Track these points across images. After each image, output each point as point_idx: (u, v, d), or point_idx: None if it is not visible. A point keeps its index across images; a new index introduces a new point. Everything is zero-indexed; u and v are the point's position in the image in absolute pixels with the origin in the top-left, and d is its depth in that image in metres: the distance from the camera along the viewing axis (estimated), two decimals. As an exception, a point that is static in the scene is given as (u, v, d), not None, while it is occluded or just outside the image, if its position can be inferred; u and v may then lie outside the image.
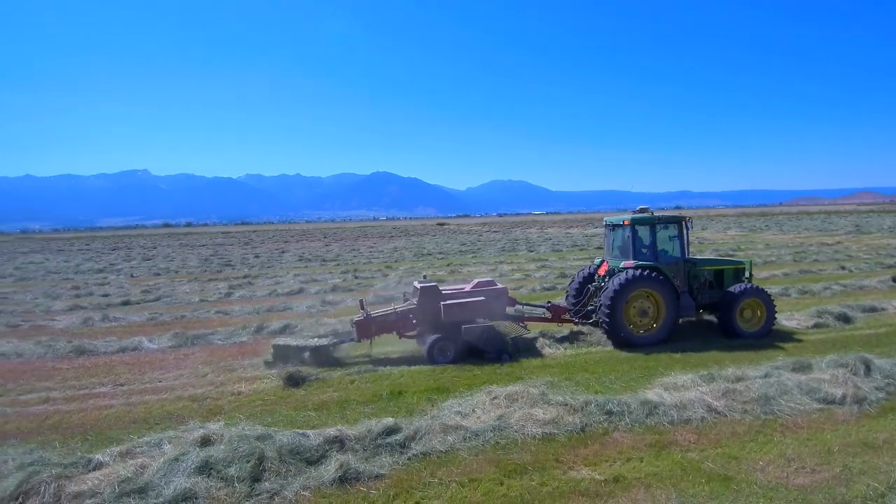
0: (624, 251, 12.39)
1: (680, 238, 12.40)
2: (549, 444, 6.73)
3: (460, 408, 7.78)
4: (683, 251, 12.37)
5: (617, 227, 12.77)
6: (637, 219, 12.17)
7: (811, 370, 8.81)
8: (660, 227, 12.31)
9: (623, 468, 6.08)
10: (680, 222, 12.40)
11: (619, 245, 12.69)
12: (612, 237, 13.06)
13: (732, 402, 7.69)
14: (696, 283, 12.48)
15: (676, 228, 12.44)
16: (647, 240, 12.22)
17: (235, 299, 20.73)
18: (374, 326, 11.41)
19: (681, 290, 11.91)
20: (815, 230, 51.23)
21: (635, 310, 11.59)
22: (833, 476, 5.75)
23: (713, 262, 13.21)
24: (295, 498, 5.74)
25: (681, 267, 12.18)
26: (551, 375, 9.43)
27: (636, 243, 12.08)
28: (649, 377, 9.03)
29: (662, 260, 12.08)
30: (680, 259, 12.28)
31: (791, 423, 7.15)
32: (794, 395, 7.86)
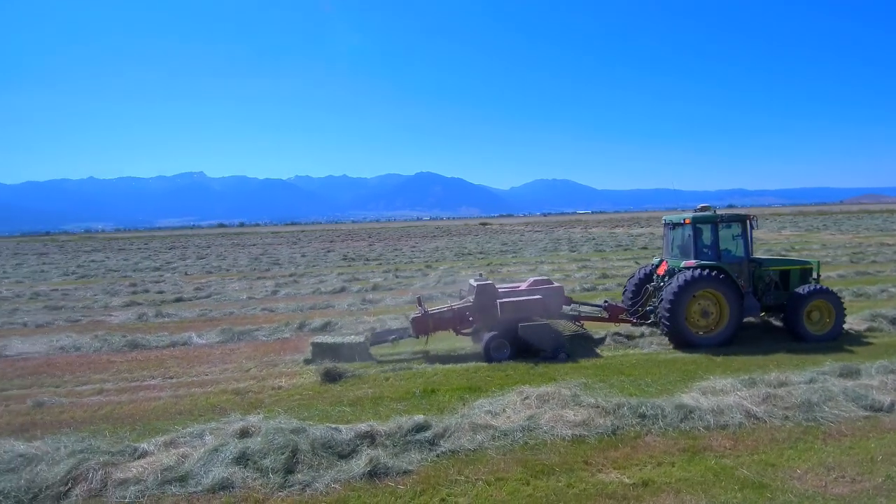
0: (684, 250, 12.17)
1: (744, 237, 12.08)
2: (578, 446, 6.69)
3: (491, 407, 7.82)
4: (747, 250, 12.05)
5: (677, 226, 12.55)
6: (698, 217, 11.93)
7: (859, 376, 8.45)
8: (722, 226, 11.97)
9: (653, 472, 5.99)
10: (744, 221, 12.08)
11: (679, 244, 12.49)
12: (671, 236, 12.87)
13: (773, 408, 7.44)
14: (760, 283, 12.15)
15: (740, 227, 12.12)
16: (708, 239, 11.96)
17: (281, 297, 21.35)
18: (432, 323, 11.63)
19: (745, 290, 11.58)
20: (876, 230, 48.57)
21: (697, 310, 11.31)
22: (874, 486, 5.50)
23: (779, 262, 12.83)
24: (325, 490, 5.91)
25: (745, 267, 11.86)
26: (585, 377, 9.34)
27: (698, 242, 11.86)
28: (687, 381, 8.82)
29: (725, 259, 11.75)
30: (744, 259, 11.96)
31: (834, 431, 6.87)
32: (838, 401, 7.54)
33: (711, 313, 11.37)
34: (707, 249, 11.89)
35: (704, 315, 11.36)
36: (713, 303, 11.35)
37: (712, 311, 11.36)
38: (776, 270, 12.33)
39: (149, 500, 5.89)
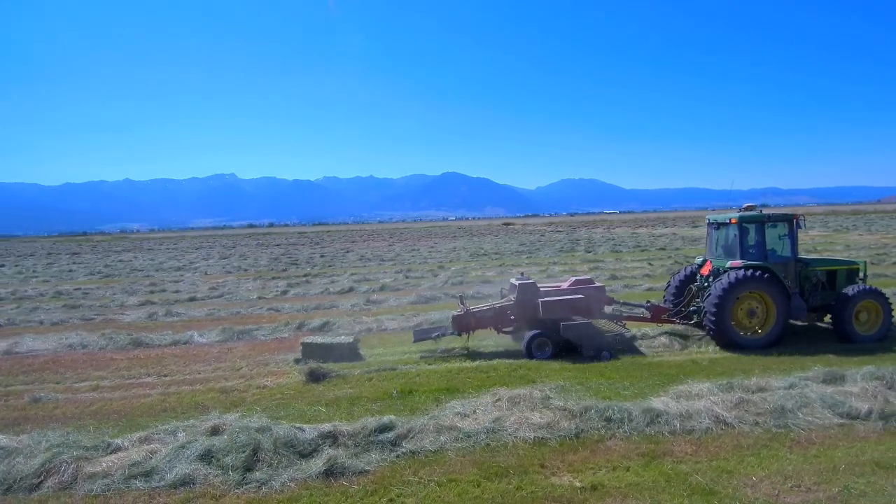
0: (729, 250, 12.08)
1: (790, 237, 11.96)
2: (538, 449, 6.68)
3: (462, 409, 7.86)
4: (794, 251, 11.93)
5: (722, 226, 12.47)
6: (745, 217, 11.83)
7: (843, 382, 8.22)
8: (768, 226, 11.84)
9: (605, 476, 5.96)
10: (791, 220, 11.97)
11: (723, 244, 12.41)
12: (715, 236, 12.79)
13: (744, 414, 7.32)
14: (807, 284, 12.00)
15: (786, 227, 12.00)
16: (754, 239, 11.87)
17: (290, 297, 21.71)
18: (473, 321, 11.85)
19: (792, 291, 11.43)
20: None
21: (743, 311, 11.22)
22: (829, 496, 5.38)
23: (826, 262, 12.70)
24: (281, 488, 6.03)
25: (791, 267, 11.72)
26: (565, 379, 9.32)
27: (744, 242, 11.75)
28: (666, 384, 8.71)
29: (771, 260, 11.62)
30: (790, 259, 11.81)
31: (803, 438, 6.72)
32: (814, 408, 7.37)
33: (758, 314, 11.27)
34: (753, 249, 11.79)
35: (751, 316, 11.28)
36: (760, 303, 11.27)
37: (759, 312, 11.27)
38: (823, 271, 12.17)
39: (114, 493, 6.11)
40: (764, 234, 11.73)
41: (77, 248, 79.96)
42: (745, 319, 11.26)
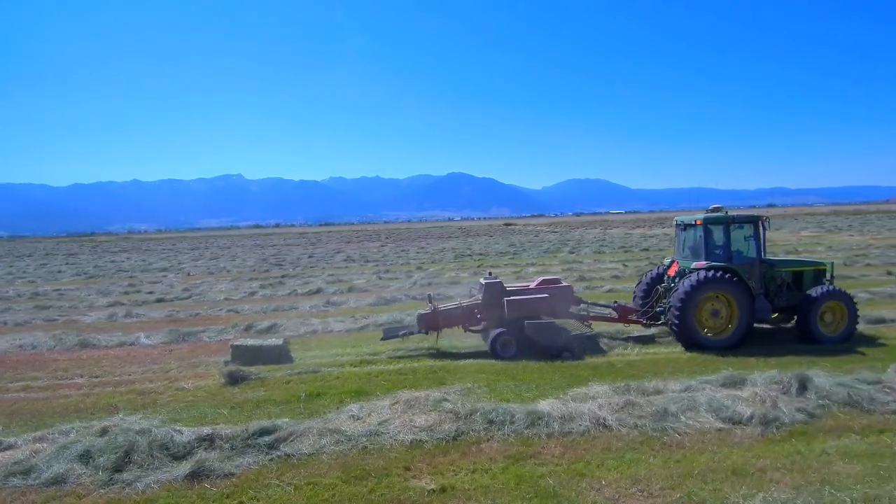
0: (695, 251, 12.16)
1: (756, 238, 12.00)
2: (411, 452, 6.73)
3: (359, 412, 7.90)
4: (759, 252, 11.97)
5: (688, 227, 12.55)
6: (710, 218, 11.91)
7: (742, 386, 8.20)
8: (734, 227, 11.89)
9: (461, 479, 5.99)
10: (756, 222, 12.02)
11: (690, 245, 12.49)
12: (682, 237, 12.88)
13: (626, 417, 7.33)
14: (772, 285, 12.04)
15: (752, 228, 12.05)
16: (720, 240, 11.93)
17: (257, 298, 21.83)
18: (441, 320, 11.96)
19: (756, 292, 11.48)
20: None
21: (707, 312, 11.28)
22: (668, 502, 5.39)
23: (792, 263, 12.76)
24: (143, 489, 6.10)
25: (756, 268, 11.76)
26: (476, 381, 9.38)
27: (709, 243, 11.82)
28: (568, 387, 8.73)
29: (736, 261, 11.67)
30: (755, 260, 11.86)
31: (674, 442, 6.73)
32: (699, 411, 7.37)
33: (722, 315, 11.32)
34: (718, 250, 11.85)
35: (714, 316, 11.32)
36: (723, 304, 11.30)
37: (722, 313, 11.32)
38: (789, 272, 12.22)
39: (-8, 489, 6.21)
40: (729, 235, 11.78)
41: (77, 248, 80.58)
42: (709, 320, 11.31)
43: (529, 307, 11.39)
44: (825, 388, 7.89)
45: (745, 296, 11.19)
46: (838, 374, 8.63)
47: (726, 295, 11.17)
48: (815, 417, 7.27)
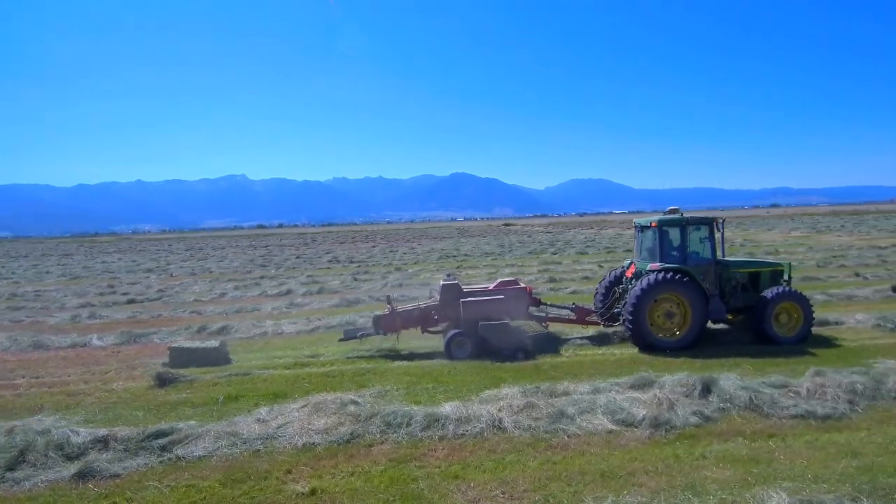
0: (652, 253, 12.23)
1: (711, 240, 12.06)
2: (301, 454, 6.79)
3: (267, 415, 7.97)
4: (714, 253, 12.03)
5: (646, 229, 12.63)
6: (665, 220, 11.99)
7: (650, 388, 8.24)
8: (689, 229, 11.95)
9: (336, 482, 6.04)
10: (711, 223, 12.08)
11: (647, 247, 12.56)
12: (640, 239, 12.96)
13: (524, 419, 7.38)
14: (728, 286, 12.09)
15: (707, 230, 12.11)
16: (675, 242, 12.01)
17: (226, 299, 21.93)
18: (399, 321, 12.06)
19: (710, 293, 11.53)
20: (888, 231, 46.28)
21: (661, 313, 11.36)
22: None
23: (748, 264, 12.81)
24: (31, 488, 6.19)
25: (711, 269, 11.78)
26: (396, 384, 9.44)
27: (664, 245, 11.91)
28: (483, 389, 8.78)
29: (692, 262, 11.74)
30: (710, 261, 11.89)
31: (561, 444, 6.77)
32: (596, 413, 7.42)
33: (675, 316, 11.37)
34: (674, 252, 11.94)
35: (668, 318, 11.39)
36: (677, 306, 11.36)
37: (676, 315, 11.37)
38: (745, 273, 12.29)
39: None
40: (683, 237, 11.85)
41: (75, 249, 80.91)
42: (663, 321, 11.38)
43: (485, 308, 11.49)
44: (729, 391, 7.92)
45: (699, 297, 11.25)
46: (754, 376, 8.67)
47: (680, 296, 11.23)
48: (711, 420, 7.30)
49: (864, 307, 14.67)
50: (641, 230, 12.82)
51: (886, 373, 8.42)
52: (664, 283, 11.07)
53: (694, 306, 11.18)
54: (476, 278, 25.15)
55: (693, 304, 11.18)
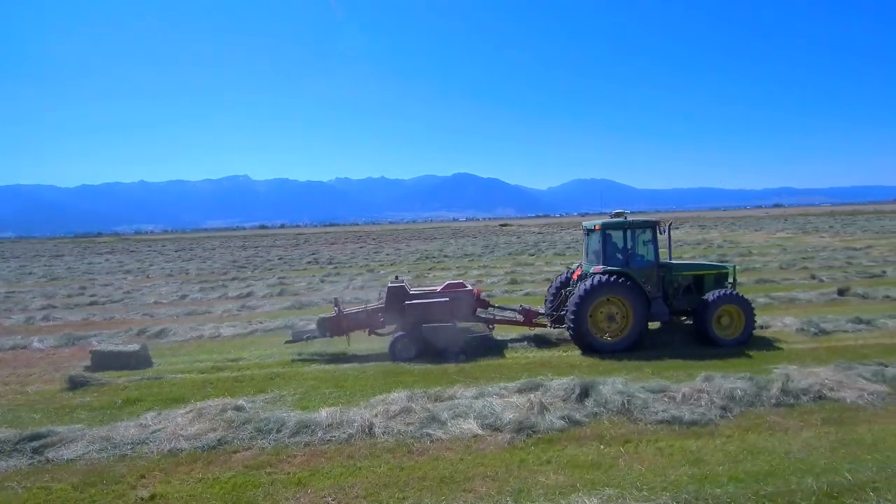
0: (598, 256, 12.32)
1: (654, 243, 12.16)
2: (163, 460, 6.84)
3: (152, 420, 8.03)
4: (658, 256, 12.13)
5: (592, 232, 12.71)
6: (607, 223, 12.10)
7: (534, 391, 8.30)
8: (632, 232, 12.10)
9: (180, 488, 6.09)
10: (654, 227, 12.19)
11: (593, 249, 12.66)
12: (587, 242, 13.07)
13: (396, 424, 7.43)
14: (671, 288, 12.21)
15: (651, 233, 12.21)
16: (619, 245, 12.12)
17: (185, 301, 22.02)
18: (346, 323, 12.16)
19: (652, 295, 11.66)
20: (874, 232, 46.16)
21: (602, 315, 11.45)
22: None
23: (692, 266, 12.88)
24: None
25: (654, 272, 11.90)
26: (297, 388, 9.52)
27: (607, 248, 12.02)
28: (376, 393, 8.78)
29: (635, 265, 11.86)
30: (653, 264, 12.00)
31: (421, 449, 6.81)
32: (467, 418, 7.47)
33: (617, 319, 11.46)
34: (618, 255, 12.05)
35: (610, 320, 11.47)
36: (619, 308, 11.44)
37: (618, 317, 11.46)
38: (689, 275, 12.41)
39: None
40: (626, 240, 11.99)
41: (69, 249, 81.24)
42: (605, 323, 11.47)
43: (429, 311, 11.62)
44: (606, 395, 7.96)
45: (640, 299, 11.34)
46: (638, 381, 8.72)
47: (621, 299, 11.31)
48: (578, 425, 7.34)
49: (800, 310, 14.67)
50: (588, 233, 12.89)
51: (775, 379, 8.43)
52: (605, 285, 11.16)
53: (635, 308, 11.25)
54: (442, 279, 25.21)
55: (634, 307, 11.25)
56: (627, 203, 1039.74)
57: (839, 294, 16.50)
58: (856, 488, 5.50)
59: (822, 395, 8.00)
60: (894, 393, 8.11)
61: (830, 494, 5.42)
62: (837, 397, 7.93)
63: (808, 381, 8.27)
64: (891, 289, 17.17)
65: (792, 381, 8.28)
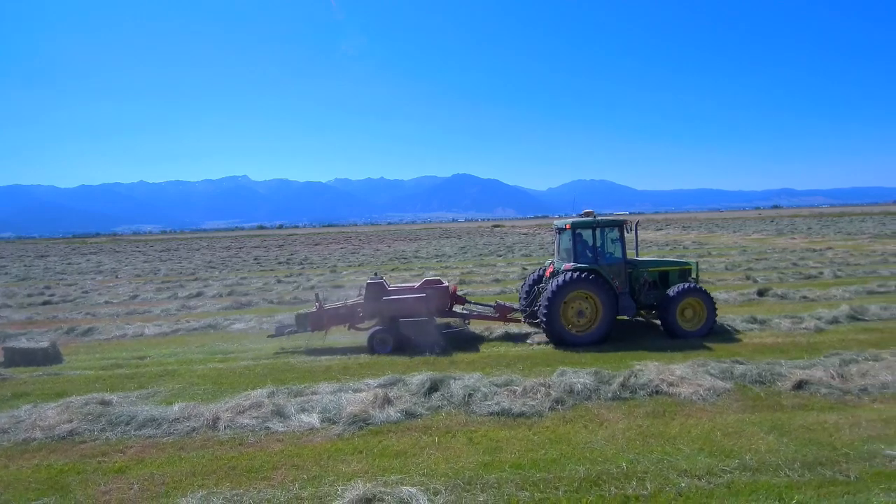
0: (568, 254, 12.80)
1: (622, 241, 12.70)
2: (14, 448, 7.21)
3: (24, 413, 8.35)
4: (625, 253, 12.66)
5: (562, 231, 13.19)
6: (577, 223, 12.59)
7: (393, 386, 8.69)
8: (600, 231, 12.64)
9: (12, 472, 6.46)
10: (621, 225, 12.71)
11: (565, 247, 13.15)
12: (559, 240, 13.55)
13: (244, 418, 7.76)
14: (637, 284, 12.72)
15: (618, 231, 12.75)
16: (588, 243, 12.56)
17: (135, 301, 22.35)
18: (326, 318, 12.61)
19: (620, 291, 12.16)
20: (856, 233, 46.44)
21: (573, 310, 11.96)
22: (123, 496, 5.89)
23: (657, 263, 13.39)
24: None
25: (621, 269, 12.41)
26: (175, 384, 9.89)
27: (577, 246, 12.49)
28: (250, 389, 9.13)
29: (603, 262, 12.37)
30: (621, 261, 12.49)
31: (253, 442, 7.15)
32: (311, 413, 7.82)
33: (586, 313, 11.93)
34: (588, 252, 12.55)
35: (580, 315, 11.96)
36: (588, 303, 11.93)
37: (587, 311, 11.95)
38: (654, 272, 12.94)
39: None
40: (595, 238, 12.53)
41: (59, 249, 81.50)
42: (575, 318, 11.97)
43: (406, 306, 12.05)
44: (453, 390, 8.33)
45: (609, 295, 11.89)
46: (492, 375, 9.12)
47: (590, 294, 11.84)
48: (414, 417, 7.68)
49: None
50: (559, 232, 13.41)
51: (618, 375, 8.79)
52: (576, 281, 11.72)
53: (604, 303, 11.82)
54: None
55: (603, 302, 11.82)
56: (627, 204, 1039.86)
57: (758, 295, 16.85)
58: (622, 477, 5.83)
59: (660, 390, 8.35)
60: (734, 390, 8.45)
61: (594, 482, 5.75)
62: (674, 392, 8.26)
63: (650, 377, 8.61)
64: (815, 290, 17.54)
65: (635, 377, 8.62)
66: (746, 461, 6.08)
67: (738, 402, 8.01)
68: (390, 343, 11.83)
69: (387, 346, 11.82)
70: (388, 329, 11.92)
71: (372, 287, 12.50)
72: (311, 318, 12.53)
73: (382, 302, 12.11)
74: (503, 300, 15.01)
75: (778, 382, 8.58)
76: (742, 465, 5.99)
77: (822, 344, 11.00)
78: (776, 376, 8.76)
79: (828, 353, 9.99)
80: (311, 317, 12.55)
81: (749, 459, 6.12)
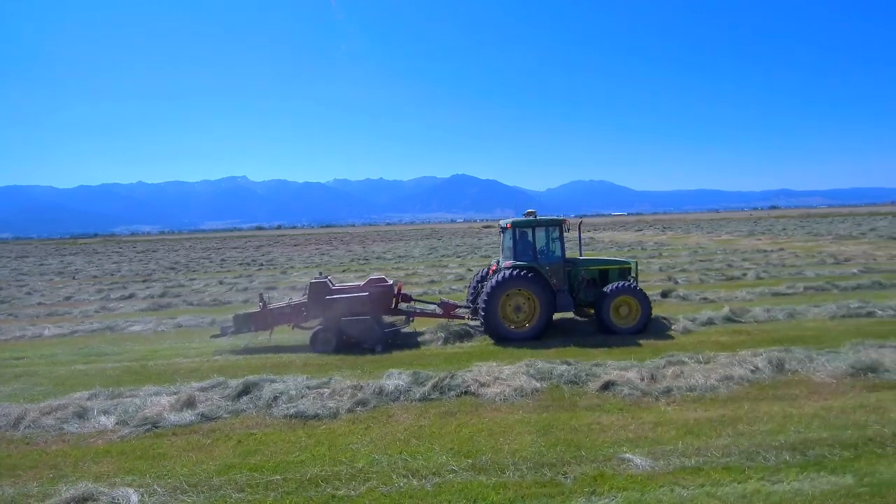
0: (510, 252, 13.07)
1: (561, 240, 12.98)
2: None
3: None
4: (564, 252, 12.94)
5: (505, 230, 13.47)
6: (517, 222, 12.92)
7: (211, 390, 8.81)
8: (540, 230, 12.88)
9: None
10: (559, 225, 12.98)
11: (508, 246, 13.40)
12: (502, 239, 13.84)
13: (47, 420, 7.93)
14: (576, 281, 13.01)
15: (557, 231, 12.99)
16: (528, 241, 12.82)
17: (68, 302, 22.55)
18: (271, 318, 12.76)
19: (558, 288, 12.44)
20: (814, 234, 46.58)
21: (511, 307, 12.20)
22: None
23: (596, 262, 13.65)
24: None
25: (560, 267, 12.67)
26: (26, 385, 10.04)
27: (517, 245, 12.79)
28: (75, 392, 9.30)
29: (543, 260, 12.62)
30: (560, 259, 12.74)
31: (42, 440, 7.36)
32: (110, 415, 7.98)
33: (524, 310, 12.17)
34: (528, 251, 12.78)
35: (517, 311, 12.21)
36: (526, 300, 12.16)
37: (525, 308, 12.19)
38: (594, 270, 13.26)
39: None
40: (534, 237, 12.73)
41: (43, 250, 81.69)
42: (513, 314, 12.22)
43: (349, 305, 12.17)
44: (264, 393, 8.46)
45: (546, 292, 12.14)
46: (319, 376, 9.28)
47: (528, 291, 12.08)
48: (209, 420, 7.78)
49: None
50: (503, 231, 13.69)
51: (433, 376, 8.91)
52: (514, 279, 12.00)
53: (541, 300, 12.06)
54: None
55: (540, 299, 12.06)
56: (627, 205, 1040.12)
57: (662, 296, 16.99)
58: (348, 477, 5.92)
59: (469, 391, 8.48)
60: (545, 390, 8.56)
61: (316, 483, 5.85)
62: (481, 393, 8.38)
63: (461, 379, 8.74)
64: (720, 291, 17.68)
65: (448, 379, 8.75)
66: (481, 461, 6.19)
67: (537, 402, 8.11)
68: (333, 342, 11.87)
69: (329, 345, 11.85)
70: (330, 328, 11.98)
71: (315, 286, 12.57)
72: (254, 318, 12.62)
73: (326, 301, 12.20)
74: (430, 300, 15.15)
75: (589, 383, 8.68)
76: (473, 465, 6.10)
77: (673, 346, 11.08)
78: (591, 377, 8.87)
79: (665, 354, 10.06)
80: (256, 317, 12.64)
81: (485, 459, 6.23)
